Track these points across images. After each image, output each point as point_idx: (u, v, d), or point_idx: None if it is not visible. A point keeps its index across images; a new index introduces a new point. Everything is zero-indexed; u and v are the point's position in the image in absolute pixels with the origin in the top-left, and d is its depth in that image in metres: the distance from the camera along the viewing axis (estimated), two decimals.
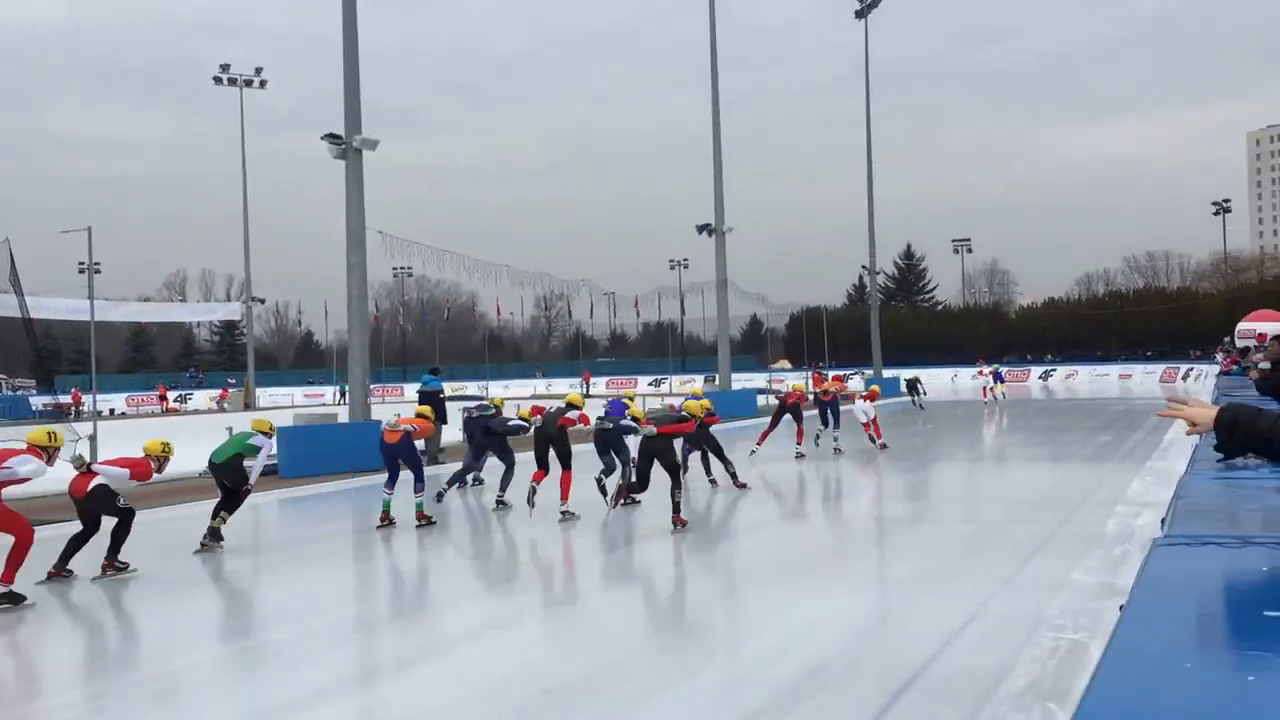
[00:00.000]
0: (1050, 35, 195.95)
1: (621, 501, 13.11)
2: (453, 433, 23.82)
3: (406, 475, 13.04)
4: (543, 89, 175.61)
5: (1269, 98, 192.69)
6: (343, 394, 32.35)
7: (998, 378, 43.51)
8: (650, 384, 68.25)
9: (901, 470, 17.78)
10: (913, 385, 36.83)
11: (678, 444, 13.91)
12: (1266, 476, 3.84)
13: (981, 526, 12.31)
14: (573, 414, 13.46)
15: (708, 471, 15.86)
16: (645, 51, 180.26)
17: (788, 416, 20.08)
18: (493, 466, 15.48)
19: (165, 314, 77.68)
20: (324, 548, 11.91)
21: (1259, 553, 2.47)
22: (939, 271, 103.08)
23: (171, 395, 68.75)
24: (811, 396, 23.99)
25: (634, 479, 12.84)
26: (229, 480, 11.82)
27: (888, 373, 50.11)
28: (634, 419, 13.56)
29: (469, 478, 15.87)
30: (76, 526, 10.09)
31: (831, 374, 27.68)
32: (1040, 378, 63.42)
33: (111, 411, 60.74)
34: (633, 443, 13.22)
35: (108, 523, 10.21)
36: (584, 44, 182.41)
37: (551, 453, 13.21)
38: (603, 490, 13.33)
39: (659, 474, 12.36)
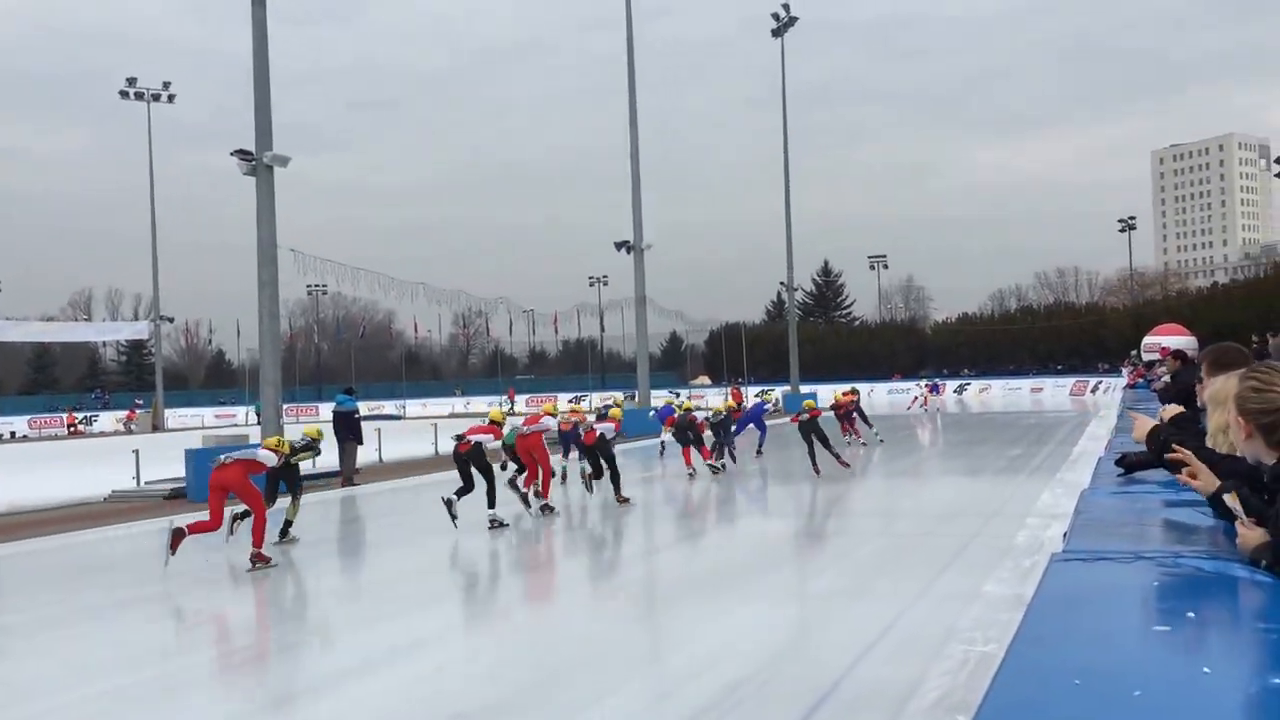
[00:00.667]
0: (964, 56, 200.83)
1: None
2: (368, 453, 23.55)
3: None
4: (460, 106, 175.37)
5: (1171, 117, 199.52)
6: (256, 414, 31.67)
7: (934, 390, 44.95)
8: (570, 401, 68.09)
9: (821, 483, 17.89)
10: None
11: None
12: (1161, 491, 3.93)
13: (897, 540, 12.44)
14: (698, 415, 20.00)
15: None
16: (563, 69, 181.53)
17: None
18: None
19: (69, 334, 75.56)
20: (234, 571, 11.63)
21: (1150, 568, 2.51)
22: (856, 288, 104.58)
23: (77, 416, 66.83)
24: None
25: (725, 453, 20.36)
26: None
27: (806, 388, 50.58)
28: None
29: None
30: None
31: (845, 389, 30.15)
32: (955, 391, 64.48)
33: (13, 434, 59.01)
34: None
35: None
36: (501, 61, 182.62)
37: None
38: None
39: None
